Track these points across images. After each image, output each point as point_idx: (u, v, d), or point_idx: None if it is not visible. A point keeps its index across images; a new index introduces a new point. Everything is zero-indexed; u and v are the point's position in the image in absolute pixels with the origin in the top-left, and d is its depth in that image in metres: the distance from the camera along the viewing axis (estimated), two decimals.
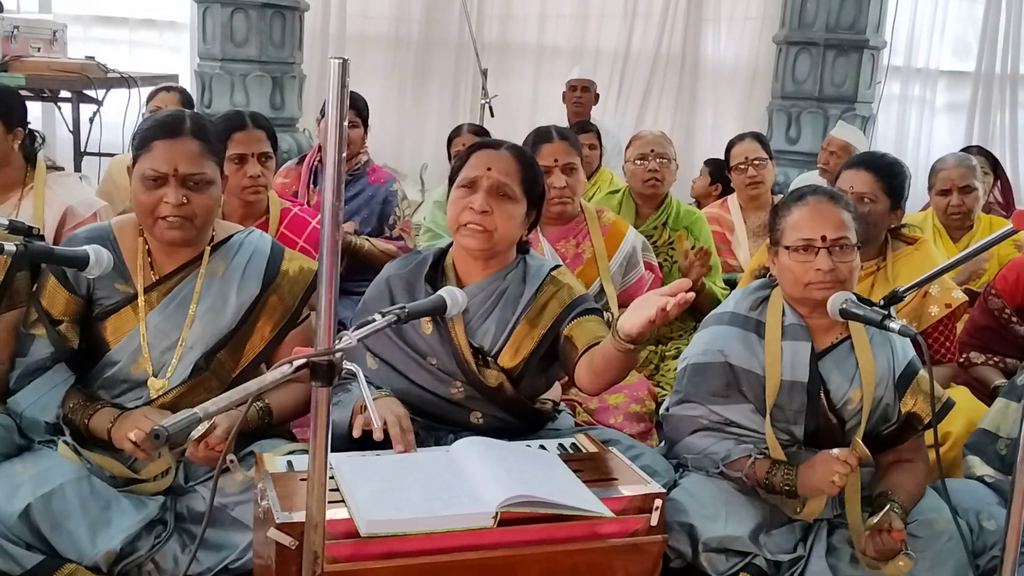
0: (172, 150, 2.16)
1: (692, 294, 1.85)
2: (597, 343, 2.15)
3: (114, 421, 2.13)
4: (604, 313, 2.84)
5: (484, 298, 2.28)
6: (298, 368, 1.39)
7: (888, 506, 2.17)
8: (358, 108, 4.08)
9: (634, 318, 1.90)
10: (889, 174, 2.86)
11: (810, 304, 2.30)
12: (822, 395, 2.29)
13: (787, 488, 2.21)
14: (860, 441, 2.18)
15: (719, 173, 5.13)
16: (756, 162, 4.28)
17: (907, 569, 2.11)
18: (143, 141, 2.19)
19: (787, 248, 2.29)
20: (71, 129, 4.91)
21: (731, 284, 3.89)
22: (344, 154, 1.36)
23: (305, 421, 2.41)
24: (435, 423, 2.30)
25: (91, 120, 4.83)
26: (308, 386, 2.17)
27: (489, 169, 2.22)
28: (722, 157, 4.67)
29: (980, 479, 2.51)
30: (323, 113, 4.21)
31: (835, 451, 2.13)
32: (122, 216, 2.40)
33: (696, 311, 3.72)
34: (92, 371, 2.26)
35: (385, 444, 2.00)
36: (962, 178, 3.83)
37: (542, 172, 2.39)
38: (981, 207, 3.96)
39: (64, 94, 4.99)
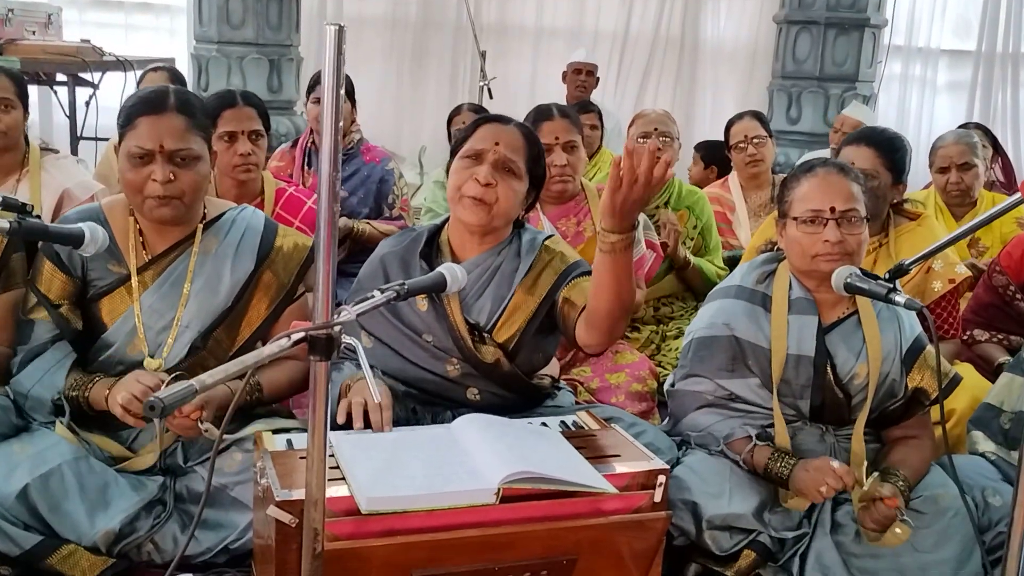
0: (157, 126, 2.13)
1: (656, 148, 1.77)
2: None
3: (110, 389, 2.11)
4: None
5: (479, 274, 2.26)
6: (296, 342, 1.37)
7: (876, 474, 2.16)
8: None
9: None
10: (890, 149, 2.83)
11: (817, 277, 2.27)
12: (828, 370, 2.27)
13: (781, 478, 2.20)
14: (866, 475, 2.16)
15: (711, 155, 5.10)
16: (756, 140, 4.25)
17: (905, 537, 2.09)
18: (127, 119, 2.16)
19: (795, 219, 2.27)
20: (67, 114, 4.88)
21: (732, 262, 3.88)
22: (341, 123, 1.33)
23: (305, 401, 2.40)
24: (432, 400, 2.29)
25: (87, 104, 4.79)
26: (301, 363, 2.20)
27: (497, 144, 2.20)
28: (715, 138, 4.65)
29: (983, 455, 2.50)
30: (310, 91, 4.18)
31: (835, 464, 2.11)
32: (112, 197, 2.37)
33: (690, 289, 3.73)
34: (89, 353, 2.25)
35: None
36: (960, 155, 3.80)
37: (543, 153, 2.37)
38: (982, 183, 3.93)
39: (60, 78, 4.96)
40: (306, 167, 3.98)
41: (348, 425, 1.97)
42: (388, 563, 1.67)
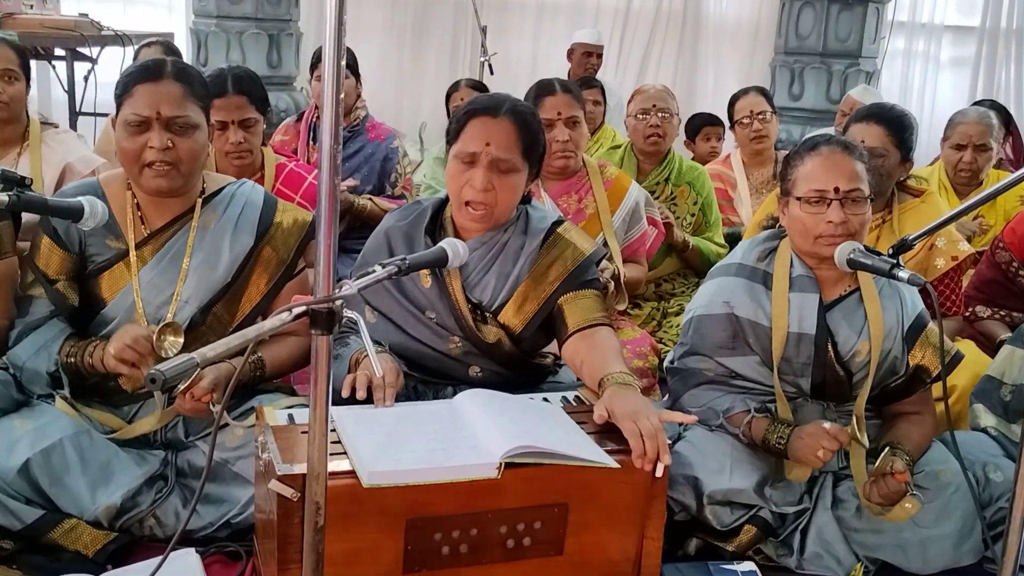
0: (154, 93, 2.13)
1: None
2: (587, 326, 2.15)
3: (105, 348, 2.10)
4: (606, 268, 2.80)
5: (484, 252, 2.24)
6: (297, 316, 1.36)
7: (888, 449, 2.16)
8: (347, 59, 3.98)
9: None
10: (900, 127, 2.81)
11: (819, 258, 2.26)
12: (830, 347, 2.27)
13: (779, 450, 2.20)
14: (856, 426, 2.16)
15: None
16: (760, 116, 4.22)
17: (914, 511, 2.09)
18: (125, 87, 2.15)
19: (798, 199, 2.25)
20: (66, 89, 4.85)
21: (733, 239, 3.87)
22: (342, 95, 1.32)
23: (307, 377, 2.40)
24: (433, 377, 2.28)
25: (86, 79, 4.76)
26: (304, 340, 2.19)
27: (488, 144, 2.14)
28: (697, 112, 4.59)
29: (984, 430, 2.50)
30: (312, 69, 4.13)
31: (827, 425, 2.11)
32: (110, 171, 2.36)
33: (691, 267, 3.73)
34: (88, 329, 2.24)
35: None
36: (980, 135, 3.72)
37: (542, 128, 2.31)
38: (992, 166, 3.90)
39: (58, 53, 4.93)
40: (311, 142, 3.95)
41: (354, 399, 1.97)
42: (383, 509, 1.69)
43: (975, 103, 4.70)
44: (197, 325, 2.22)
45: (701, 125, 5.09)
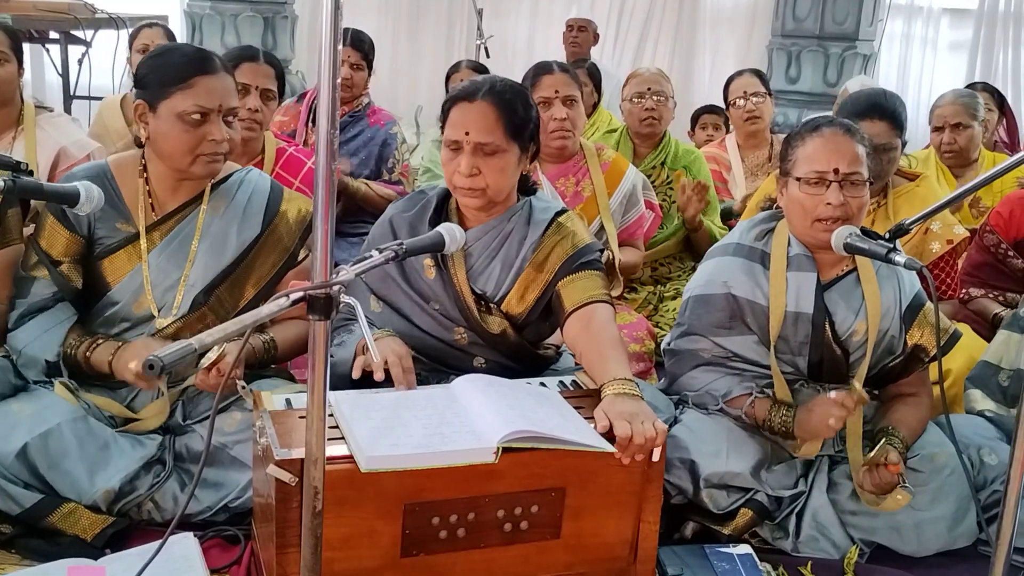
0: (217, 85, 2.16)
1: None
2: (583, 305, 2.14)
3: (115, 353, 2.14)
4: (603, 254, 2.81)
5: (488, 240, 2.23)
6: (295, 301, 1.37)
7: (885, 440, 2.17)
8: (364, 51, 3.98)
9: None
10: (900, 116, 2.81)
11: (816, 241, 2.26)
12: (827, 327, 2.27)
13: (784, 429, 2.21)
14: (858, 385, 2.16)
15: None
16: (754, 96, 4.21)
17: (904, 503, 2.11)
18: (180, 77, 2.13)
19: (798, 180, 2.25)
20: (60, 72, 4.82)
21: (726, 215, 3.88)
22: (339, 80, 1.32)
23: (305, 362, 2.40)
24: (439, 367, 2.28)
25: (80, 62, 4.74)
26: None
27: (467, 133, 2.13)
28: (715, 98, 4.58)
29: (980, 413, 2.51)
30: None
31: (832, 394, 2.12)
32: (119, 155, 2.36)
33: (695, 250, 3.73)
34: (92, 310, 2.24)
35: (386, 383, 1.99)
36: (955, 115, 3.80)
37: (532, 104, 2.26)
38: (979, 144, 3.91)
39: (52, 36, 4.90)
40: (310, 124, 3.95)
41: (361, 382, 1.98)
42: (381, 493, 1.70)
43: (967, 86, 4.71)
44: (199, 305, 2.23)
45: (699, 115, 5.09)
